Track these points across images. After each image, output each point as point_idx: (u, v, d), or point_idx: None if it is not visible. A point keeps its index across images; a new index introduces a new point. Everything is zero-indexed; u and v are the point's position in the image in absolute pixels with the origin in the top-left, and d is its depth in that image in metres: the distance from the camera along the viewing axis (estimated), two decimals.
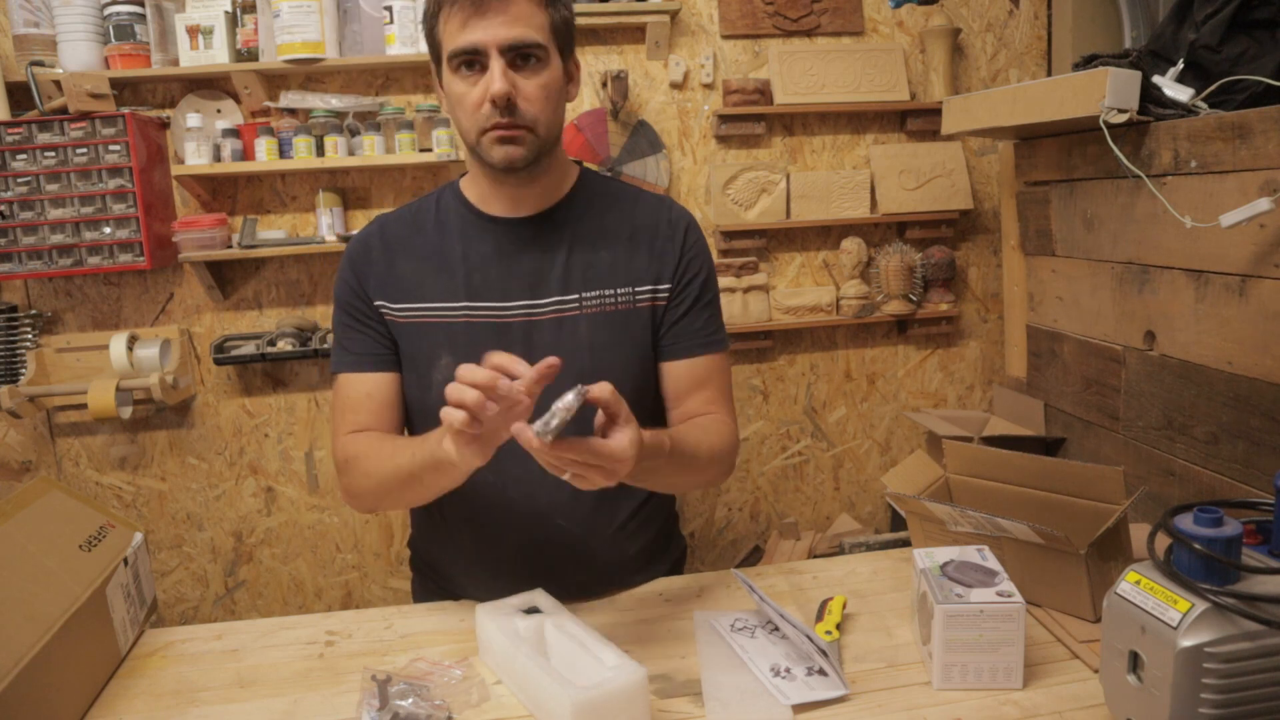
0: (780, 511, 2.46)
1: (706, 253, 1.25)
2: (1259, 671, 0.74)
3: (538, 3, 1.07)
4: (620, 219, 1.21)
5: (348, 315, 1.21)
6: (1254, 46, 1.42)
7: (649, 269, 1.19)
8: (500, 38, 1.04)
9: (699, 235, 1.25)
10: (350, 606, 2.32)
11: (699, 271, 1.22)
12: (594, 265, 1.18)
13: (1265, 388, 1.33)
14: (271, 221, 2.20)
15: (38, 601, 0.95)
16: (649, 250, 1.20)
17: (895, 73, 2.26)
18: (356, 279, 1.20)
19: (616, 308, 1.18)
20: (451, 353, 1.15)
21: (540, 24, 1.07)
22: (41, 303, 2.15)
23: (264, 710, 0.97)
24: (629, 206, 1.23)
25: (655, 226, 1.21)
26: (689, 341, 1.21)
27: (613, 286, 1.18)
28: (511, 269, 1.17)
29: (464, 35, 1.04)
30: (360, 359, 1.20)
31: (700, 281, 1.22)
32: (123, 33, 1.99)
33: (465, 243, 1.18)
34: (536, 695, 0.90)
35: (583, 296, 1.17)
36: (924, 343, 2.43)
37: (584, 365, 1.15)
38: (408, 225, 1.22)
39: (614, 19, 2.14)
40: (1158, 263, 1.55)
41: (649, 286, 1.19)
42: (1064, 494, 1.18)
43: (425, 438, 1.05)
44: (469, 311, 1.16)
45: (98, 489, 2.23)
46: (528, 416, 0.90)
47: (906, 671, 0.98)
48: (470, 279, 1.17)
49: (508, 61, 1.05)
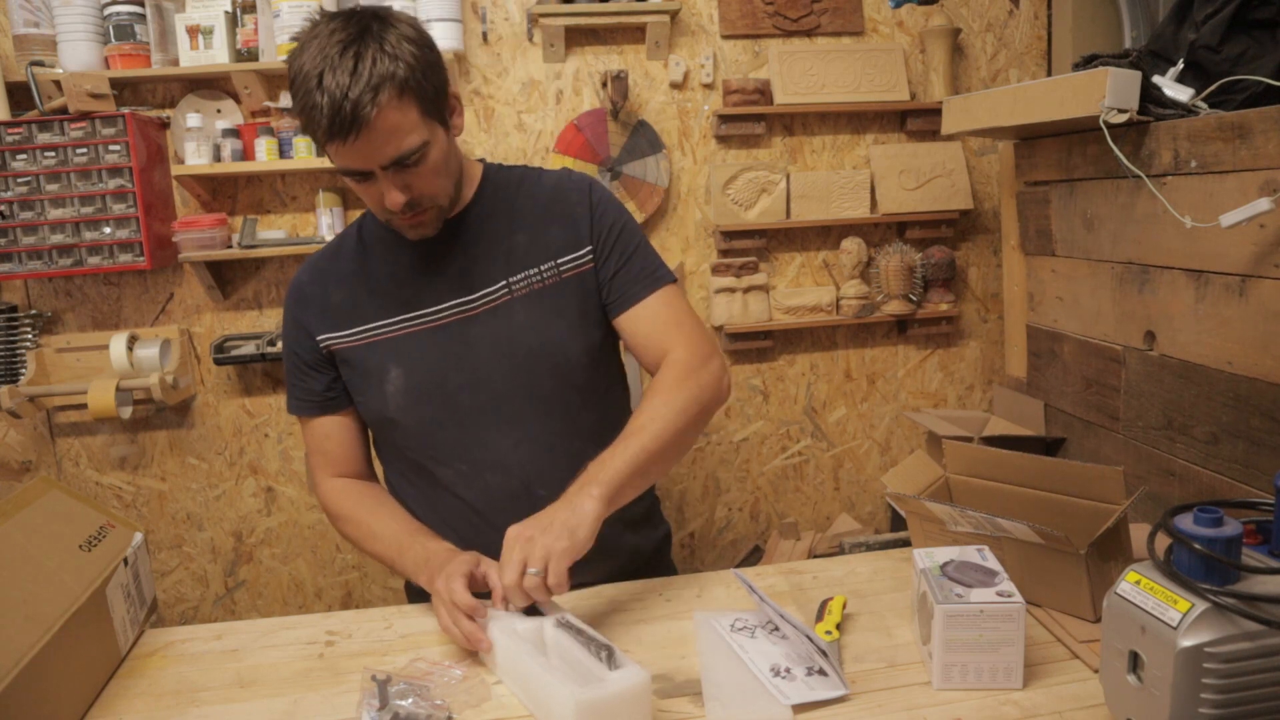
0: (780, 511, 2.46)
1: (614, 204, 1.26)
2: (1259, 671, 0.74)
3: (402, 105, 1.04)
4: (527, 200, 1.24)
5: (295, 360, 1.27)
6: (1254, 46, 1.42)
7: (565, 239, 1.22)
8: (381, 160, 1.05)
9: (602, 191, 1.26)
10: (350, 606, 2.32)
11: (613, 223, 1.23)
12: (513, 250, 1.21)
13: (1265, 388, 1.33)
14: (271, 221, 2.20)
15: (38, 601, 0.95)
16: (560, 221, 1.22)
17: (895, 73, 2.26)
18: (296, 324, 1.26)
19: (544, 284, 1.21)
20: (398, 364, 1.21)
21: (413, 123, 1.05)
22: (41, 303, 2.15)
23: (264, 710, 0.97)
24: (532, 187, 1.26)
25: (559, 197, 1.24)
26: (631, 289, 1.23)
27: (536, 264, 1.21)
28: (436, 274, 1.21)
29: (343, 159, 1.06)
30: (309, 404, 1.27)
31: (618, 231, 1.23)
32: (123, 33, 1.99)
33: (388, 261, 1.23)
34: (538, 696, 0.90)
35: (510, 281, 1.20)
36: (924, 343, 2.43)
37: (531, 345, 1.19)
38: (331, 258, 1.27)
39: (614, 19, 2.14)
40: (1158, 263, 1.55)
41: (570, 256, 1.22)
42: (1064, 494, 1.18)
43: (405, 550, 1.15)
44: (406, 323, 1.21)
45: (98, 489, 2.23)
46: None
47: (906, 671, 0.98)
48: (401, 293, 1.21)
49: (394, 169, 1.07)
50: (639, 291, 1.23)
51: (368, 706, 0.93)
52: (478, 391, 1.20)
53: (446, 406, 1.20)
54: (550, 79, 2.22)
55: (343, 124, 1.00)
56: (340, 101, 0.99)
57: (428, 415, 1.21)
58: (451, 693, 0.96)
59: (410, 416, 1.21)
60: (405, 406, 1.21)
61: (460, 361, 1.20)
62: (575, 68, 2.22)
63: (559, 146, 2.20)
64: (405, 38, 1.05)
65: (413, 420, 1.21)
